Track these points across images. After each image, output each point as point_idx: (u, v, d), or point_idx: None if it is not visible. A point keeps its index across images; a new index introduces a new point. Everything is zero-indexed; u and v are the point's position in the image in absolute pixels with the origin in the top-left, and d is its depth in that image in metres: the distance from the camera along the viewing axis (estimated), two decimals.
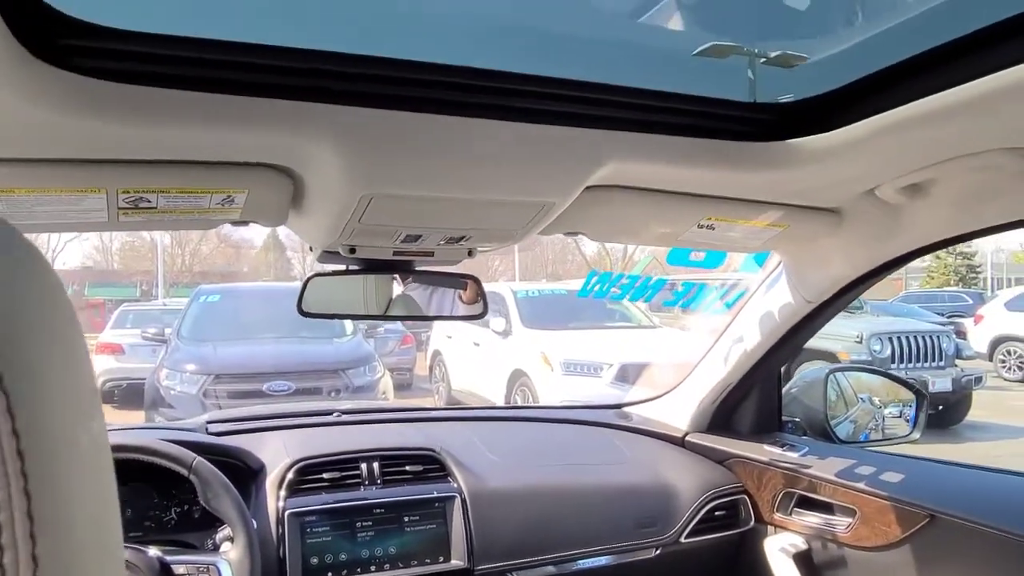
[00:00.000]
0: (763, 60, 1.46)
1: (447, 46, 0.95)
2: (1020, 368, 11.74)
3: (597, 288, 7.81)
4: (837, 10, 1.20)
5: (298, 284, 1.48)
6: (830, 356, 7.80)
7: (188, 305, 7.75)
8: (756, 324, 1.75)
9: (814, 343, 7.49)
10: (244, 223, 1.17)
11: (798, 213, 1.29)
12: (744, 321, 1.80)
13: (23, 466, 0.30)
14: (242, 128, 0.86)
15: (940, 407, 8.09)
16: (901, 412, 2.12)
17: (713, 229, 1.31)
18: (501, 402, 7.89)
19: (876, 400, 2.14)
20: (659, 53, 1.12)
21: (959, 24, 0.90)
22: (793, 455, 1.76)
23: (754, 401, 1.94)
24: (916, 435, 1.98)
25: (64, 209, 0.99)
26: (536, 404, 6.98)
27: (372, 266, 1.34)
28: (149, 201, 1.00)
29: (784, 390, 2.04)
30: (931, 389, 7.74)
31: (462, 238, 1.21)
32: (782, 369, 2.00)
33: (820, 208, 1.31)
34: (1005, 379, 11.69)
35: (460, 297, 1.56)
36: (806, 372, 2.17)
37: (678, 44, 1.14)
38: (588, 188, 1.08)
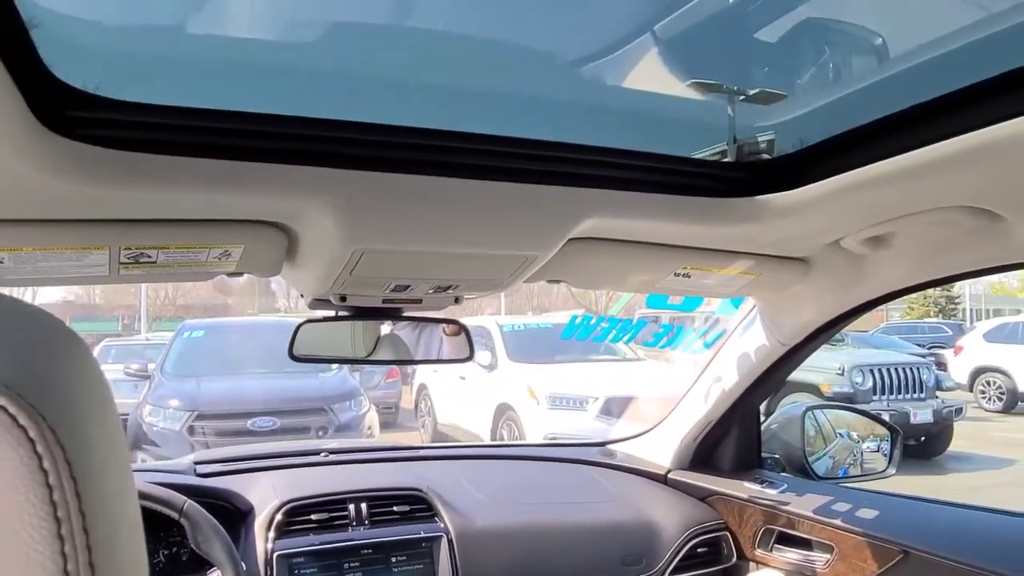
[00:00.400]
0: (742, 98, 1.55)
1: (434, 111, 1.01)
2: (1000, 399, 11.89)
3: (579, 333, 7.92)
4: (801, 75, 1.28)
5: (283, 318, 1.53)
6: (813, 388, 7.88)
7: (172, 340, 7.72)
8: (734, 364, 1.81)
9: (797, 376, 7.57)
10: (239, 274, 1.22)
11: (769, 262, 1.36)
12: (723, 361, 1.85)
13: (80, 505, 0.35)
14: (240, 191, 0.91)
15: (922, 438, 8.17)
16: (879, 447, 2.18)
17: (689, 277, 1.37)
18: (487, 436, 7.88)
19: (854, 435, 2.19)
20: (636, 115, 1.19)
21: (916, 92, 0.97)
22: (772, 492, 1.80)
23: (734, 438, 1.99)
24: (892, 471, 2.03)
25: (67, 265, 1.03)
26: (522, 440, 6.98)
27: (362, 313, 1.38)
28: (149, 256, 1.04)
29: (763, 427, 2.09)
30: (913, 421, 7.83)
31: (449, 287, 1.26)
32: (763, 403, 2.06)
33: (789, 257, 1.37)
34: (985, 409, 11.82)
35: (446, 340, 1.60)
36: (785, 409, 2.22)
37: (654, 105, 1.21)
38: (570, 240, 1.14)
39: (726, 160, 1.15)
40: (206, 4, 1.89)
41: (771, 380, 1.81)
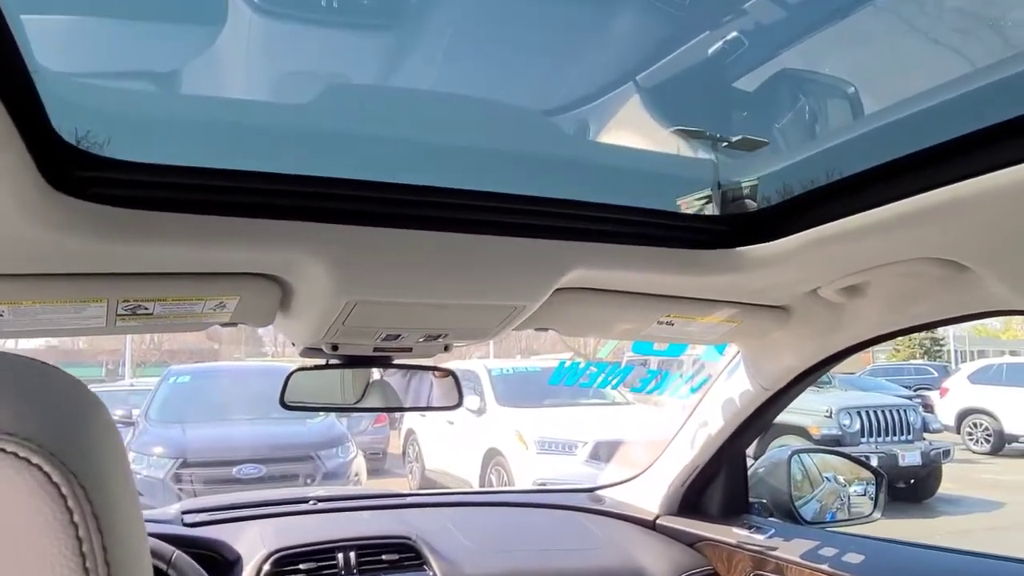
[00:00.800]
0: (725, 144, 1.61)
1: (424, 168, 1.05)
2: (987, 440, 11.92)
3: (566, 378, 7.97)
4: (778, 128, 1.34)
5: (270, 363, 1.55)
6: (801, 431, 7.89)
7: (157, 386, 7.66)
8: (719, 409, 1.84)
9: (785, 418, 7.59)
10: (233, 324, 1.24)
11: (750, 310, 1.40)
12: (708, 406, 1.88)
13: (106, 556, 0.38)
14: (238, 245, 0.95)
15: (912, 481, 8.17)
16: (865, 491, 2.19)
17: (672, 325, 1.41)
18: (476, 482, 7.80)
19: (840, 479, 2.21)
20: (619, 169, 1.24)
21: (884, 150, 1.03)
22: (760, 537, 1.81)
23: (721, 483, 2.01)
24: (877, 515, 2.05)
25: (66, 317, 1.05)
26: (511, 486, 6.92)
27: (353, 361, 1.41)
28: (146, 308, 1.07)
29: (750, 471, 2.11)
30: (901, 463, 7.84)
31: (439, 336, 1.29)
32: (753, 446, 2.08)
33: (769, 306, 1.42)
34: (973, 451, 11.84)
35: (436, 386, 1.62)
36: (771, 453, 2.24)
37: (636, 160, 1.26)
38: (556, 290, 1.18)
39: (706, 213, 1.20)
40: (203, 67, 1.95)
41: (756, 425, 1.83)
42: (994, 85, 0.93)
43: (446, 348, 1.39)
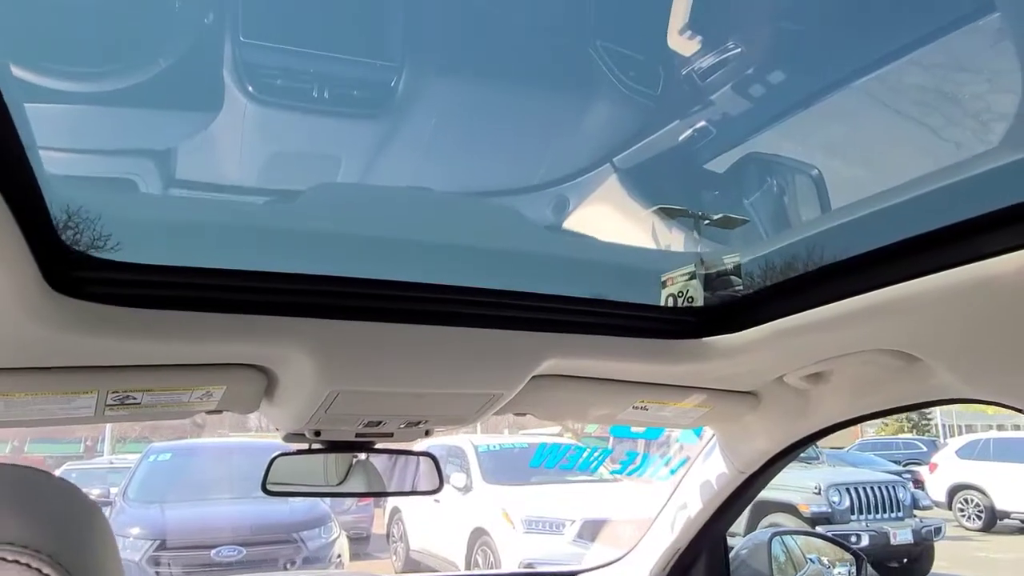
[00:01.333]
0: (707, 222, 1.70)
1: (405, 265, 1.12)
2: (979, 517, 11.79)
3: (547, 460, 7.93)
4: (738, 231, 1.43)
5: (255, 439, 1.57)
6: (790, 508, 7.80)
7: (137, 464, 7.51)
8: (697, 492, 1.86)
9: (774, 495, 7.51)
10: (218, 412, 1.28)
11: (720, 396, 1.45)
12: (687, 489, 1.90)
13: None
14: (226, 340, 1.00)
15: (905, 560, 8.04)
16: (849, 572, 2.19)
17: (647, 410, 1.45)
18: (462, 563, 7.61)
19: (825, 560, 2.21)
20: (592, 263, 1.31)
21: (839, 249, 1.11)
22: None
23: (703, 567, 2.01)
24: None
25: (56, 408, 1.09)
26: (497, 568, 6.77)
27: (335, 446, 1.43)
28: (135, 399, 1.11)
29: (732, 554, 2.11)
30: (893, 541, 7.73)
31: (420, 422, 1.33)
32: (744, 522, 2.08)
33: (739, 391, 1.47)
34: (966, 528, 11.69)
35: (421, 466, 1.64)
36: (753, 535, 2.24)
37: (609, 255, 1.33)
38: (533, 377, 1.23)
39: (673, 305, 1.27)
40: (199, 151, 2.04)
41: (734, 507, 1.85)
42: (941, 190, 1.02)
43: (427, 433, 1.43)
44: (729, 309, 1.22)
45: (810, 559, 2.21)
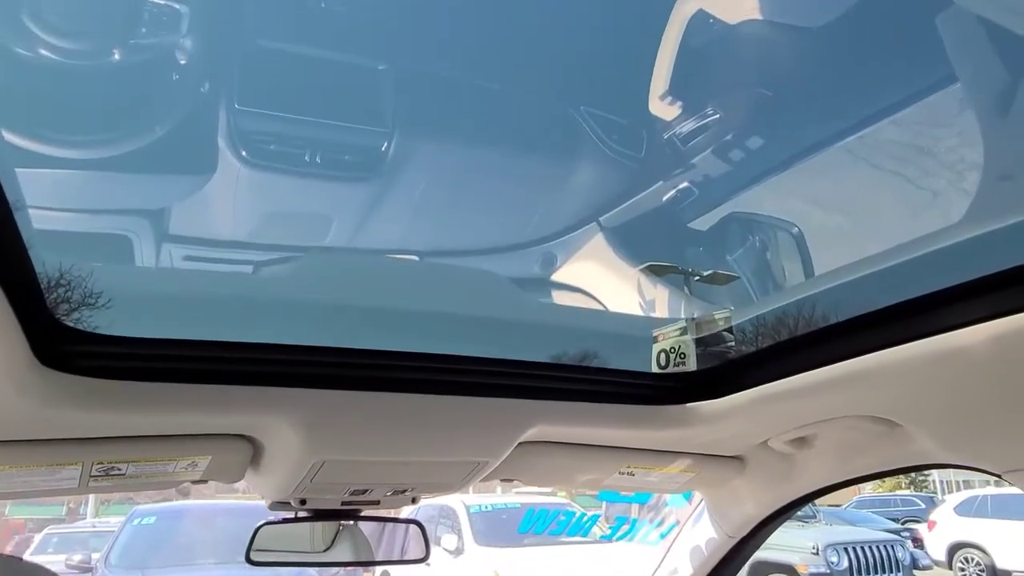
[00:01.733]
0: (697, 279, 1.72)
1: (389, 334, 1.13)
2: None
3: (536, 524, 7.81)
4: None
5: (241, 500, 1.55)
6: (788, 569, 7.66)
7: (120, 528, 7.32)
8: (687, 558, 1.84)
9: (773, 556, 7.39)
10: (204, 481, 1.27)
11: (706, 461, 1.46)
12: (677, 554, 1.88)
13: None
14: (211, 411, 1.01)
15: None
16: None
17: (634, 475, 1.45)
18: None
19: None
20: (575, 330, 1.33)
21: (819, 317, 1.13)
22: None
23: None
24: None
25: (40, 479, 1.08)
26: None
27: (321, 515, 1.42)
28: (119, 470, 1.10)
29: None
30: None
31: (406, 490, 1.33)
32: None
33: (724, 456, 1.47)
34: None
35: (406, 535, 1.63)
36: None
37: (592, 321, 1.35)
38: (519, 444, 1.23)
39: (665, 361, 1.28)
40: (191, 211, 2.07)
41: (725, 573, 1.83)
42: (915, 261, 1.05)
43: (413, 500, 1.42)
44: (713, 375, 1.24)
45: None
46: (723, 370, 1.23)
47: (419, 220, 2.25)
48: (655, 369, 1.32)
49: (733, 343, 1.29)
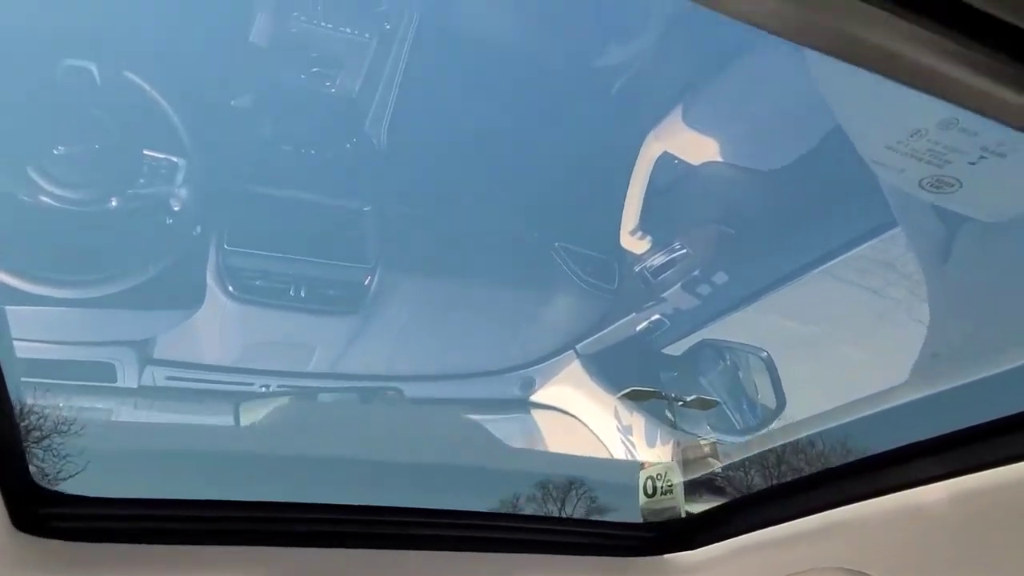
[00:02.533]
0: (681, 403, 1.73)
1: (363, 489, 1.17)
2: None
3: None
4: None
5: None
6: None
7: None
8: None
9: None
10: None
11: None
12: None
13: None
14: (187, 570, 1.02)
15: None
16: None
17: None
18: None
19: None
20: (550, 479, 1.37)
21: (795, 468, 1.18)
22: None
23: None
24: None
25: None
26: None
27: None
28: None
29: None
30: None
31: None
32: None
33: None
34: None
35: None
36: None
37: (571, 469, 1.39)
38: None
39: (633, 522, 1.31)
40: (167, 353, 2.11)
41: None
42: (892, 410, 1.10)
43: None
44: (688, 526, 1.26)
45: None
46: (699, 522, 1.26)
47: (401, 348, 2.29)
48: (642, 497, 1.34)
49: (719, 468, 1.32)
